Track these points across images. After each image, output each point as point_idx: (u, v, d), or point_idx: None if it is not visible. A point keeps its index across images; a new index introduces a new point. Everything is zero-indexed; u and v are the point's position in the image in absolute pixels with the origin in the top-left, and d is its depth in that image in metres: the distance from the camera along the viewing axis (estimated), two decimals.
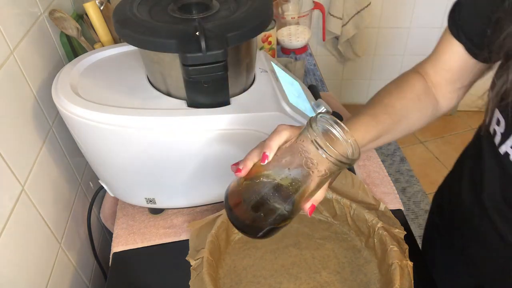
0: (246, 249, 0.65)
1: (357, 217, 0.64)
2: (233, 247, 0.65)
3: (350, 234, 0.66)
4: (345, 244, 0.65)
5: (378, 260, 0.61)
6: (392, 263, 0.56)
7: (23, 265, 0.59)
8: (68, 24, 0.77)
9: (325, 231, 0.67)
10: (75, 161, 0.80)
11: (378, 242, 0.61)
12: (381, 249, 0.60)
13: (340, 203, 0.66)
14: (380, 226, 0.61)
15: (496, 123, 0.51)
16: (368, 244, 0.63)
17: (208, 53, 0.49)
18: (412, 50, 2.15)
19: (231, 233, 0.65)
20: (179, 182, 0.66)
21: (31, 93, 0.66)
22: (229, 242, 0.65)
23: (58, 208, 0.71)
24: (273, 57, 1.16)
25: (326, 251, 0.64)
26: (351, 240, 0.65)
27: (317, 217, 0.69)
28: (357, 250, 0.64)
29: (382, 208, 0.68)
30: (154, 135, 0.57)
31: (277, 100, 0.62)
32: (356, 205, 0.65)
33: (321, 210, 0.68)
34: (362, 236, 0.65)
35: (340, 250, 0.64)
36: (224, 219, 0.63)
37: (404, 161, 2.09)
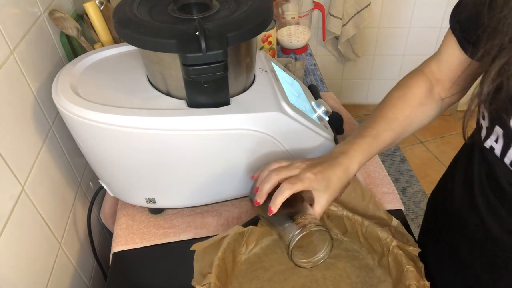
0: (253, 270, 0.62)
1: (370, 235, 0.61)
2: (239, 268, 0.62)
3: (361, 251, 0.64)
4: (356, 262, 0.62)
5: (393, 280, 0.59)
6: (409, 285, 0.54)
7: (23, 265, 0.59)
8: (68, 24, 0.77)
9: (335, 249, 0.63)
10: (75, 161, 0.80)
11: (393, 261, 0.58)
12: (396, 269, 0.58)
13: (351, 220, 0.63)
14: (394, 245, 0.58)
15: (482, 117, 0.52)
16: (382, 263, 0.61)
17: (208, 53, 0.49)
18: (412, 50, 2.15)
19: (237, 253, 0.62)
20: (179, 182, 0.66)
21: (31, 93, 0.66)
22: (236, 263, 0.62)
23: (58, 208, 0.71)
24: (273, 57, 1.16)
25: (337, 271, 0.61)
26: (363, 258, 0.63)
27: None
28: (369, 269, 0.61)
29: (395, 224, 0.64)
30: (154, 135, 0.57)
31: (277, 100, 0.62)
32: (368, 222, 0.61)
33: (330, 226, 0.65)
34: (374, 254, 0.62)
35: (352, 269, 0.61)
36: (230, 240, 0.60)
37: (404, 161, 2.09)
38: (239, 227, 0.61)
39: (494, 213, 0.55)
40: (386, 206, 0.74)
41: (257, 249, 0.64)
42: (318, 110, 0.71)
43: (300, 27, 1.26)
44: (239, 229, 0.60)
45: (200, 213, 0.75)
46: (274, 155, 0.64)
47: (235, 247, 0.61)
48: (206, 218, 0.74)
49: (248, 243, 0.63)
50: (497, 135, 0.50)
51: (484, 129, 0.52)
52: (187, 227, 0.73)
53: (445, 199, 0.68)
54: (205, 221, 0.74)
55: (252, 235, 0.62)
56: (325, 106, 0.71)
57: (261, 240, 0.65)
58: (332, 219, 0.65)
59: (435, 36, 2.08)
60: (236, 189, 0.70)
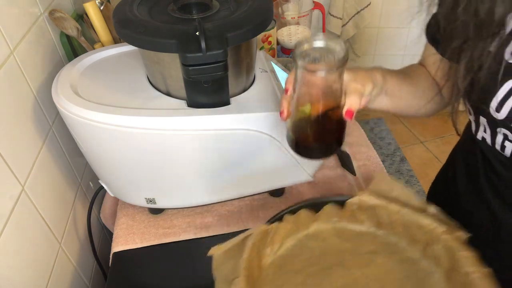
0: (282, 274, 0.55)
1: (410, 224, 0.55)
2: (266, 273, 0.55)
3: (399, 244, 0.57)
4: (397, 256, 0.56)
5: (444, 270, 0.53)
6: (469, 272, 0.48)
7: (23, 265, 0.59)
8: (68, 24, 0.77)
9: (370, 244, 0.58)
10: (75, 161, 0.80)
11: (443, 249, 0.52)
12: (447, 257, 0.52)
13: (387, 209, 0.57)
14: (442, 231, 0.52)
15: (469, 113, 0.55)
16: (426, 253, 0.55)
17: (208, 53, 0.49)
18: (412, 50, 2.15)
19: (262, 256, 0.56)
20: (179, 182, 0.66)
21: (31, 93, 0.66)
22: (261, 268, 0.55)
23: (58, 208, 0.71)
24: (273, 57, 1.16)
25: (378, 268, 0.55)
26: (403, 251, 0.56)
27: (358, 228, 0.60)
28: (413, 261, 0.55)
29: (432, 211, 0.57)
30: (154, 135, 0.57)
31: (277, 100, 0.62)
32: (407, 210, 0.55)
33: (362, 219, 0.60)
34: (416, 245, 0.56)
35: (394, 264, 0.55)
36: (255, 240, 0.53)
37: (404, 161, 2.09)
38: (263, 225, 0.55)
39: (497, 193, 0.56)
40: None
41: (282, 251, 0.58)
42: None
43: (300, 27, 1.26)
44: (264, 227, 0.55)
45: (200, 213, 0.75)
46: (274, 155, 0.64)
47: (259, 248, 0.55)
48: (206, 218, 0.74)
49: (273, 243, 0.57)
50: (483, 126, 0.52)
51: (473, 123, 0.55)
52: (187, 227, 0.73)
53: (448, 191, 0.69)
54: (205, 221, 0.74)
55: (278, 234, 0.57)
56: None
57: (286, 240, 0.59)
58: (365, 211, 0.59)
59: None
60: (236, 189, 0.70)
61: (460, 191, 0.65)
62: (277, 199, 0.77)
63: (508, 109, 0.46)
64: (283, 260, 0.57)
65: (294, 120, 0.49)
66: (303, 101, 0.47)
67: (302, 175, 0.70)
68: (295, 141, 0.50)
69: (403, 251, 0.57)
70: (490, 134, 0.52)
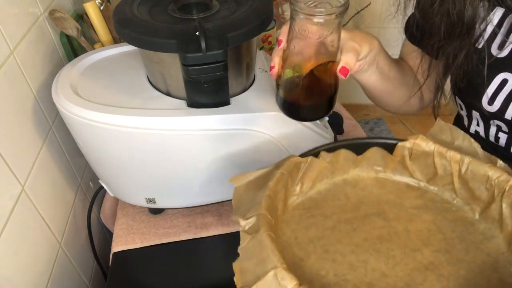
0: (310, 216, 0.48)
1: (473, 175, 0.46)
2: (291, 214, 0.48)
3: (454, 203, 0.49)
4: (449, 215, 0.47)
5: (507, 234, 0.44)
6: None
7: (23, 265, 0.59)
8: (68, 24, 0.77)
9: (417, 199, 0.49)
10: (75, 161, 0.80)
11: (509, 207, 0.43)
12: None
13: (446, 158, 0.48)
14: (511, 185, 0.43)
15: (460, 108, 0.57)
16: (487, 213, 0.46)
17: (208, 53, 0.49)
18: None
19: (289, 193, 0.48)
20: (179, 182, 0.66)
21: (31, 93, 0.66)
22: (287, 206, 0.48)
23: (58, 208, 0.71)
24: None
25: (424, 224, 0.46)
26: (457, 210, 0.48)
27: (404, 181, 0.52)
28: (468, 223, 0.46)
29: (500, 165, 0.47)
30: (154, 135, 0.57)
31: None
32: (470, 158, 0.46)
33: (412, 170, 0.51)
34: (475, 204, 0.47)
35: (444, 222, 0.46)
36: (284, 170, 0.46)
37: None
38: (295, 156, 0.48)
39: None
40: None
41: (313, 193, 0.51)
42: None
43: None
44: (296, 159, 0.48)
45: (200, 213, 0.75)
46: (274, 155, 0.64)
47: (288, 184, 0.48)
48: (206, 218, 0.74)
49: (303, 181, 0.50)
50: (476, 119, 0.53)
51: (465, 117, 0.56)
52: (187, 227, 0.73)
53: None
54: (205, 221, 0.74)
55: (310, 171, 0.50)
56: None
57: (320, 182, 0.51)
58: (417, 158, 0.50)
59: None
60: None
61: None
62: None
63: (500, 102, 0.48)
64: (313, 202, 0.50)
65: (286, 76, 0.47)
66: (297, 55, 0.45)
67: None
68: (285, 100, 0.48)
69: (458, 210, 0.48)
70: (483, 127, 0.53)
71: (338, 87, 0.49)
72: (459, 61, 0.48)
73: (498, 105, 0.48)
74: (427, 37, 0.52)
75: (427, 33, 0.52)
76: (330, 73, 0.46)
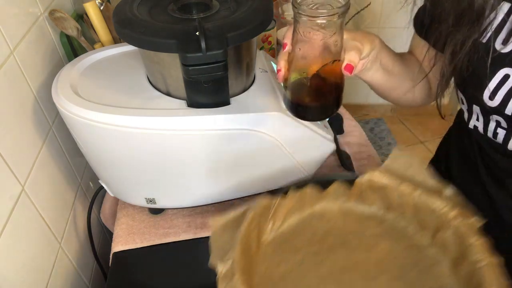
0: (281, 252, 0.53)
1: (422, 207, 0.52)
2: (265, 251, 0.53)
3: (408, 229, 0.54)
4: (403, 242, 0.53)
5: (452, 258, 0.50)
6: (477, 260, 0.45)
7: (23, 265, 0.59)
8: (68, 24, 0.77)
9: (376, 227, 0.55)
10: (75, 161, 0.80)
11: (453, 235, 0.49)
12: (457, 244, 0.49)
13: (398, 191, 0.53)
14: (454, 216, 0.49)
15: (461, 102, 0.56)
16: (435, 240, 0.52)
17: (208, 53, 0.49)
18: None
19: (262, 231, 0.53)
20: (179, 182, 0.66)
21: (31, 93, 0.66)
22: (260, 244, 0.53)
23: (58, 208, 0.71)
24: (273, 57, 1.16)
25: (382, 252, 0.52)
26: (411, 237, 0.53)
27: (365, 210, 0.57)
28: (419, 248, 0.52)
29: (449, 193, 0.53)
30: (154, 135, 0.57)
31: (277, 100, 0.62)
32: (420, 191, 0.52)
33: (371, 201, 0.56)
34: (425, 231, 0.53)
35: (399, 249, 0.52)
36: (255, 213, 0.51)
37: None
38: (265, 198, 0.52)
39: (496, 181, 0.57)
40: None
41: (284, 228, 0.55)
42: None
43: None
44: (266, 201, 0.52)
45: (200, 213, 0.75)
46: (274, 155, 0.64)
47: (260, 222, 0.52)
48: (206, 218, 0.74)
49: (275, 219, 0.54)
50: (476, 114, 0.53)
51: (466, 112, 0.56)
52: (187, 227, 0.73)
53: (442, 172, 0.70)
54: (205, 221, 0.74)
55: (280, 210, 0.54)
56: None
57: (289, 217, 0.56)
58: (375, 191, 0.56)
59: None
60: (236, 189, 0.70)
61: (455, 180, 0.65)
62: None
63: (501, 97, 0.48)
64: (284, 238, 0.55)
65: (293, 79, 0.48)
66: (302, 57, 0.46)
67: (302, 175, 0.70)
68: (293, 101, 0.49)
69: (411, 237, 0.54)
70: (482, 122, 0.53)
71: (343, 86, 0.50)
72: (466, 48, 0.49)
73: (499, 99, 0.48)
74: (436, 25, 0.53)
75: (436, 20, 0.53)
76: (336, 72, 0.47)
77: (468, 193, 0.63)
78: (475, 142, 0.60)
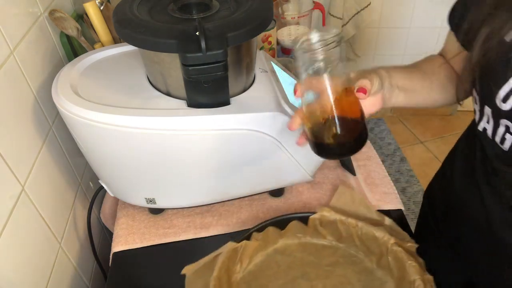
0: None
1: (366, 236, 0.61)
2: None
3: (358, 255, 0.63)
4: (355, 267, 0.61)
5: (395, 279, 0.59)
6: (414, 280, 0.54)
7: (23, 265, 0.59)
8: (68, 24, 0.77)
9: (331, 256, 0.63)
10: (75, 161, 0.80)
11: (393, 260, 0.58)
12: (397, 267, 0.58)
13: (345, 224, 0.63)
14: (392, 243, 0.59)
15: (475, 101, 0.55)
16: (381, 263, 0.61)
17: (208, 53, 0.49)
18: (412, 50, 2.15)
19: (232, 273, 0.60)
20: (179, 182, 0.66)
21: (31, 93, 0.66)
22: (231, 284, 0.59)
23: (58, 208, 0.71)
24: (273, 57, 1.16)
25: (337, 278, 0.60)
26: (361, 262, 0.62)
27: (321, 242, 0.65)
28: (369, 271, 0.61)
29: (388, 223, 0.64)
30: (154, 135, 0.57)
31: (277, 100, 0.62)
32: (363, 223, 0.62)
33: (324, 234, 0.65)
34: (372, 256, 0.62)
35: (352, 274, 0.60)
36: (224, 258, 0.58)
37: (404, 161, 2.09)
38: (232, 243, 0.59)
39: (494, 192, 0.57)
40: (386, 206, 0.74)
41: (251, 266, 0.62)
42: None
43: (300, 27, 1.26)
44: (232, 245, 0.59)
45: (200, 213, 0.75)
46: (274, 155, 0.64)
47: (229, 266, 0.59)
48: (206, 218, 0.74)
49: (242, 260, 0.61)
50: (487, 116, 0.53)
51: (477, 113, 0.55)
52: (187, 227, 0.73)
53: (444, 188, 0.69)
54: (205, 221, 0.74)
55: (246, 251, 0.61)
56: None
57: (255, 256, 0.63)
58: (325, 226, 0.64)
59: (435, 36, 2.08)
60: (236, 189, 0.70)
61: (457, 187, 0.65)
62: (277, 199, 0.77)
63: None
64: (252, 276, 0.61)
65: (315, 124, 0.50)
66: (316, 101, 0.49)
67: (302, 175, 0.70)
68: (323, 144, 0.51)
69: (361, 262, 0.62)
70: (492, 125, 0.53)
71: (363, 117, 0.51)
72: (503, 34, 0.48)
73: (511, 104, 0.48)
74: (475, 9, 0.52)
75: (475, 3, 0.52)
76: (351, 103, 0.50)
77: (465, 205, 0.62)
78: (480, 150, 0.58)
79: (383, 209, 0.73)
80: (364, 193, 0.76)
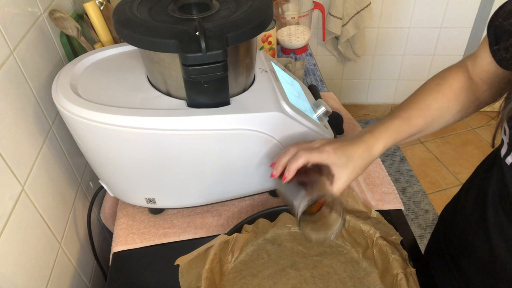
0: (242, 278, 0.62)
1: (353, 229, 0.63)
2: (227, 278, 0.62)
3: (345, 246, 0.65)
4: (342, 257, 0.64)
5: (379, 270, 0.60)
6: (397, 273, 0.55)
7: (23, 265, 0.59)
8: (68, 24, 0.77)
9: (319, 246, 0.66)
10: (75, 161, 0.80)
11: (378, 252, 0.60)
12: (382, 260, 0.60)
13: None
14: (378, 236, 0.60)
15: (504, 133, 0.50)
16: (366, 255, 0.62)
17: (208, 53, 0.49)
18: (412, 50, 2.15)
19: (224, 263, 0.62)
20: (179, 182, 0.66)
21: (31, 93, 0.66)
22: (223, 273, 0.62)
23: (58, 208, 0.71)
24: (273, 57, 1.16)
25: (325, 268, 0.62)
26: (347, 253, 0.64)
27: None
28: (355, 262, 0.63)
29: (374, 215, 0.66)
30: (154, 135, 0.57)
31: (277, 100, 0.62)
32: (350, 216, 0.63)
33: None
34: (358, 247, 0.64)
35: (339, 264, 0.63)
36: (216, 250, 0.59)
37: (404, 161, 2.09)
38: (223, 235, 0.60)
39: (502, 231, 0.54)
40: (386, 206, 0.74)
41: (243, 256, 0.64)
42: (318, 110, 0.71)
43: (300, 27, 1.26)
44: (224, 237, 0.60)
45: (200, 213, 0.75)
46: (273, 155, 0.64)
47: (221, 257, 0.61)
48: (206, 218, 0.74)
49: (233, 251, 0.63)
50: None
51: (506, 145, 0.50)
52: (187, 227, 0.73)
53: (456, 214, 0.68)
54: (205, 221, 0.74)
55: (237, 243, 0.62)
56: (325, 106, 0.71)
57: (246, 247, 0.65)
58: None
59: (435, 36, 2.08)
60: (236, 189, 0.70)
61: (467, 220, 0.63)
62: (277, 199, 0.77)
63: None
64: (243, 265, 0.63)
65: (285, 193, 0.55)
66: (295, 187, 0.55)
67: None
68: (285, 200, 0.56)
69: (348, 252, 0.65)
70: None
71: None
72: None
73: None
74: None
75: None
76: None
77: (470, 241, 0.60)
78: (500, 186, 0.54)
79: (383, 209, 0.73)
80: (364, 193, 0.76)
